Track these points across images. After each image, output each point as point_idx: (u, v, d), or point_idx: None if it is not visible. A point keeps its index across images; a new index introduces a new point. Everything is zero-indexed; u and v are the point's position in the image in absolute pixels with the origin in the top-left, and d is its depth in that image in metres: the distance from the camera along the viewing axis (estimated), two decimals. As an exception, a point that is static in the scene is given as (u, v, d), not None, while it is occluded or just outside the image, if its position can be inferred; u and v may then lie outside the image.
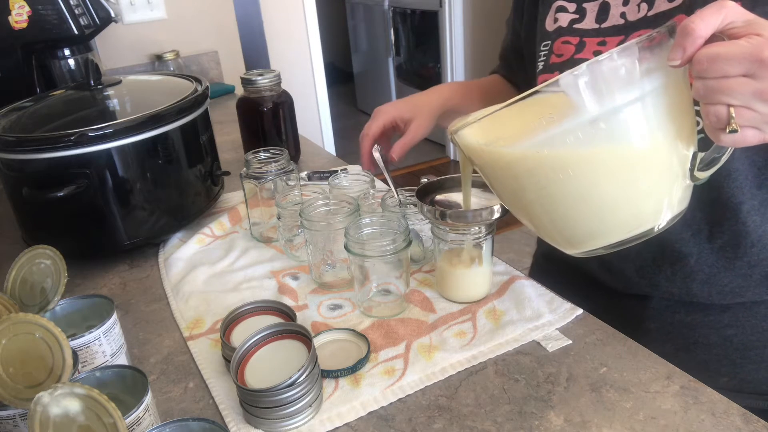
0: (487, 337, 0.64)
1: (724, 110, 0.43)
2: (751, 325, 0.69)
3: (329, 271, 0.77)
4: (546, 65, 0.74)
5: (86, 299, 0.63)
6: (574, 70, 0.44)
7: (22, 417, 0.49)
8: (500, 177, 0.53)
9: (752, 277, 0.67)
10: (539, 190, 0.49)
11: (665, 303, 0.73)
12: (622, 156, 0.47)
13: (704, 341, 0.72)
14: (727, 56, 0.42)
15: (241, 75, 1.12)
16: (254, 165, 0.87)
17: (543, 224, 0.53)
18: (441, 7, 3.41)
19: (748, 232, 0.64)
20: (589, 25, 0.71)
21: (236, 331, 0.65)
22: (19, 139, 0.79)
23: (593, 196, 0.48)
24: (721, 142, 0.45)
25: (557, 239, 0.54)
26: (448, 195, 0.73)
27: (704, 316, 0.71)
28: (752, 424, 0.51)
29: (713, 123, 0.44)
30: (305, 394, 0.54)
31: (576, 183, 0.48)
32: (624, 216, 0.50)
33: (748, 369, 0.71)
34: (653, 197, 0.49)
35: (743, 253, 0.66)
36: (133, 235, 0.87)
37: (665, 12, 0.64)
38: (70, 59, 1.36)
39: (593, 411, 0.54)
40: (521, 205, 0.54)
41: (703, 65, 0.43)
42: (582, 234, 0.52)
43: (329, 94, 2.47)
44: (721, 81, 0.43)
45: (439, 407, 0.56)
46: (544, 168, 0.48)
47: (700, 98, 0.44)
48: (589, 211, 0.49)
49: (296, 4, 2.22)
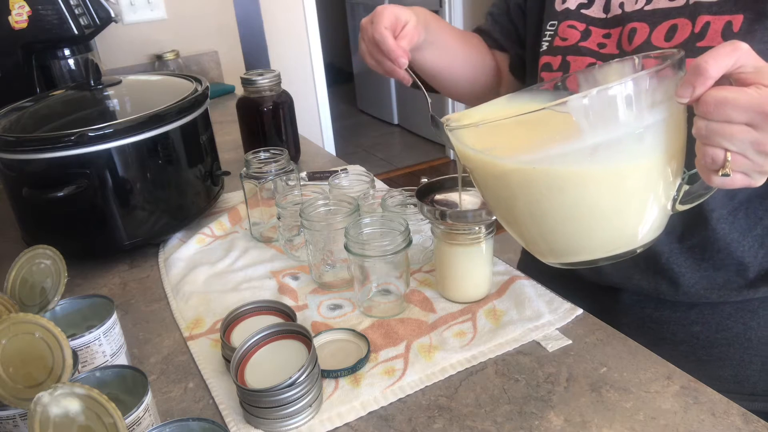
0: (487, 337, 0.64)
1: (721, 154, 0.44)
2: (716, 323, 0.71)
3: (329, 271, 0.77)
4: (550, 47, 0.74)
5: (86, 299, 0.63)
6: (585, 95, 0.44)
7: (22, 417, 0.49)
8: (491, 184, 0.53)
9: (716, 280, 0.69)
10: (530, 204, 0.50)
11: (636, 298, 0.75)
12: (615, 181, 0.48)
13: (672, 337, 0.73)
14: (735, 103, 0.42)
15: (241, 75, 1.12)
16: (254, 165, 0.87)
17: (530, 233, 0.54)
18: (441, 7, 3.40)
19: (716, 238, 0.66)
20: (596, 13, 0.71)
21: (236, 331, 0.65)
22: (19, 139, 0.79)
23: (583, 214, 0.49)
24: (712, 182, 0.46)
25: (542, 249, 0.55)
26: (448, 195, 0.73)
27: (672, 312, 0.73)
28: (752, 424, 0.51)
29: (708, 164, 0.45)
30: (305, 394, 0.54)
31: (567, 201, 0.48)
32: (609, 236, 0.51)
33: (713, 366, 0.72)
34: (638, 222, 0.50)
35: (710, 256, 0.68)
36: (133, 235, 0.86)
37: (663, 9, 0.64)
38: (70, 59, 1.36)
39: (593, 411, 0.54)
40: (509, 213, 0.54)
41: (710, 107, 0.43)
42: (566, 248, 0.53)
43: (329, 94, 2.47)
44: (724, 126, 0.43)
45: (439, 407, 0.56)
46: (538, 183, 0.48)
47: (699, 138, 0.45)
48: (577, 228, 0.50)
49: (296, 4, 2.22)
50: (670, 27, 0.63)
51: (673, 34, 0.63)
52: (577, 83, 0.60)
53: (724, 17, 0.59)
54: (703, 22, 0.61)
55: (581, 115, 0.45)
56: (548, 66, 0.74)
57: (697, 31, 0.61)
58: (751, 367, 0.71)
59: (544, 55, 0.74)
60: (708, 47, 0.60)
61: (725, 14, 0.59)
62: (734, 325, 0.70)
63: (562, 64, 0.72)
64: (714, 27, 0.60)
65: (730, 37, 0.59)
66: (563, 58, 0.72)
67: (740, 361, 0.71)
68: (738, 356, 0.71)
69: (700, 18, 0.61)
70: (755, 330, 0.69)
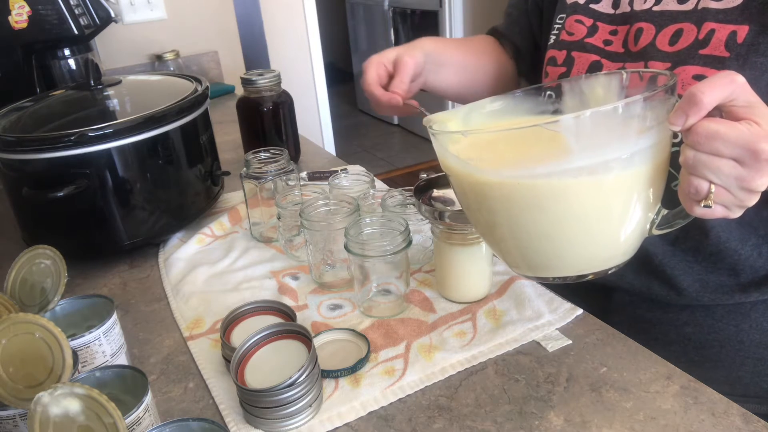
0: (487, 337, 0.65)
1: (705, 186, 0.44)
2: (708, 325, 0.71)
3: (329, 271, 0.77)
4: (557, 40, 0.74)
5: (86, 299, 0.63)
6: (578, 115, 0.44)
7: (22, 417, 0.49)
8: (469, 193, 0.53)
9: (708, 283, 0.69)
10: (509, 217, 0.50)
11: (628, 298, 0.75)
12: (598, 202, 0.47)
13: (663, 338, 0.73)
14: (725, 137, 0.42)
15: (241, 75, 1.12)
16: (254, 165, 0.87)
17: (506, 245, 0.54)
18: (441, 7, 3.41)
19: (709, 243, 0.66)
20: (605, 8, 0.71)
21: (236, 331, 0.65)
22: (19, 139, 0.79)
23: (559, 234, 0.49)
24: (693, 212, 0.46)
25: (516, 261, 0.55)
26: (447, 192, 0.73)
27: (664, 313, 0.73)
28: (752, 424, 0.51)
29: (691, 194, 0.45)
30: (305, 394, 0.54)
31: (547, 217, 0.48)
32: (583, 256, 0.51)
33: (705, 367, 0.72)
34: (616, 243, 0.50)
35: (703, 259, 0.68)
36: (133, 235, 0.86)
37: (671, 12, 0.64)
38: (70, 59, 1.36)
39: (593, 411, 0.54)
40: (486, 224, 0.54)
41: (700, 138, 0.43)
42: (541, 263, 0.53)
43: (329, 94, 2.47)
44: (712, 158, 0.43)
45: (439, 407, 0.56)
46: (519, 198, 0.48)
47: (686, 167, 0.45)
48: (552, 246, 0.50)
49: (296, 4, 2.22)
50: (675, 31, 0.63)
51: (678, 39, 0.62)
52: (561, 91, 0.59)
53: (730, 26, 0.59)
54: (708, 29, 0.60)
55: (572, 136, 0.44)
56: (553, 60, 0.74)
57: (701, 37, 0.61)
58: (743, 369, 0.71)
59: (550, 48, 0.74)
60: (710, 56, 0.59)
61: (731, 23, 0.59)
62: (726, 327, 0.70)
63: (566, 60, 0.72)
64: (718, 35, 0.59)
65: (734, 47, 0.59)
66: (568, 53, 0.72)
67: (732, 363, 0.71)
68: (730, 358, 0.71)
69: (705, 24, 0.61)
70: (747, 332, 0.69)
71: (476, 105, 0.61)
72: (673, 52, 0.62)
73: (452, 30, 3.41)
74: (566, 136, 0.44)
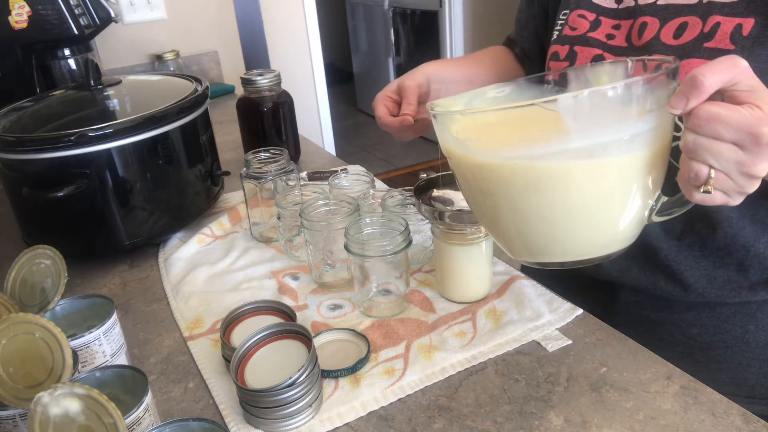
0: (487, 337, 0.65)
1: (705, 170, 0.43)
2: (714, 326, 0.70)
3: (329, 271, 0.77)
4: (560, 36, 0.73)
5: (86, 299, 0.63)
6: (576, 94, 0.43)
7: (22, 417, 0.49)
8: (469, 177, 0.52)
9: (716, 280, 0.68)
10: (508, 200, 0.49)
11: (633, 297, 0.75)
12: (596, 185, 0.47)
13: (669, 338, 0.73)
14: (726, 120, 0.41)
15: (241, 75, 1.12)
16: (254, 165, 0.88)
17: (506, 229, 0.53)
18: (441, 7, 3.41)
19: (717, 237, 0.66)
20: (608, 2, 0.71)
21: (236, 331, 0.65)
22: (19, 139, 0.79)
23: (561, 216, 0.48)
24: (692, 198, 0.45)
25: (517, 246, 0.54)
26: (446, 191, 0.73)
27: (669, 313, 0.73)
28: (752, 424, 0.51)
29: (691, 179, 0.44)
30: (305, 394, 0.54)
31: (545, 200, 0.47)
32: (581, 241, 0.50)
33: (710, 368, 0.72)
34: (614, 229, 0.50)
35: (710, 253, 0.67)
36: (133, 235, 0.87)
37: (676, 5, 0.63)
38: (70, 59, 1.36)
39: (593, 411, 0.54)
40: (486, 208, 0.53)
41: (701, 121, 0.42)
42: (541, 247, 0.52)
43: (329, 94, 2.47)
44: (712, 142, 0.42)
45: (439, 407, 0.56)
46: (517, 180, 0.47)
47: (686, 151, 0.44)
48: (550, 229, 0.49)
49: (296, 4, 2.21)
50: (680, 24, 0.63)
51: (682, 32, 0.62)
52: (567, 80, 0.59)
53: (735, 19, 0.59)
54: (713, 22, 0.60)
55: (570, 115, 0.44)
56: (556, 55, 0.74)
57: (706, 30, 0.61)
58: (749, 370, 0.71)
59: (553, 44, 0.74)
60: (715, 48, 0.59)
61: (737, 16, 0.59)
62: (732, 328, 0.70)
63: (569, 54, 0.72)
64: (724, 28, 0.59)
65: (739, 39, 0.58)
66: (571, 48, 0.72)
67: (738, 364, 0.71)
68: (736, 359, 0.71)
69: (711, 18, 0.60)
70: (753, 333, 0.69)
71: (480, 91, 0.60)
72: (678, 45, 0.62)
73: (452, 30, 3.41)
74: (564, 115, 0.44)
